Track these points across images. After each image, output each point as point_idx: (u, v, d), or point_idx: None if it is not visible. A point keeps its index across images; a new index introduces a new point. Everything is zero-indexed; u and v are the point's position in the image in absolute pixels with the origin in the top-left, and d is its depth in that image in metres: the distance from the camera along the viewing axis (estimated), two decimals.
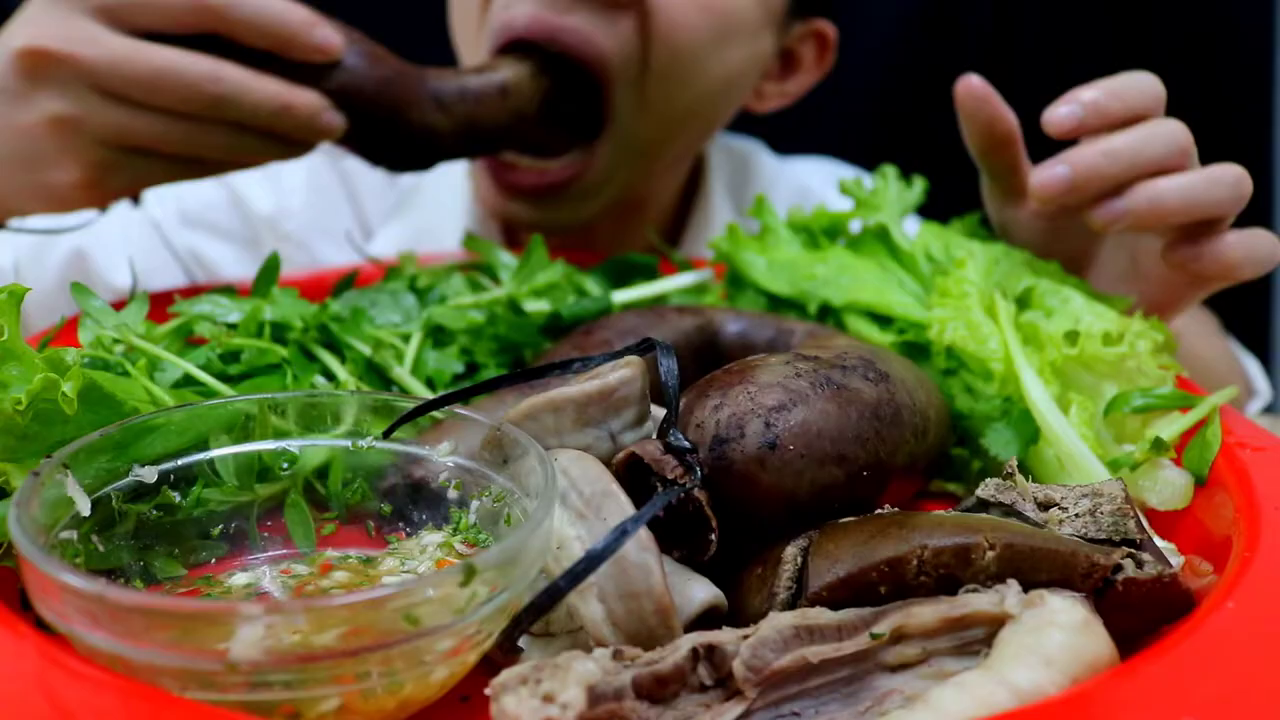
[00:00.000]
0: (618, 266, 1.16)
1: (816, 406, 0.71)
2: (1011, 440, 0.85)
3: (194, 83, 0.93)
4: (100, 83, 0.92)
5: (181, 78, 0.92)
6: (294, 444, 0.75)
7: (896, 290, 1.02)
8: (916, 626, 0.61)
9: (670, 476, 0.68)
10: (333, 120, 1.01)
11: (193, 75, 0.93)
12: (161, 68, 0.92)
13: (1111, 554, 0.62)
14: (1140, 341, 0.88)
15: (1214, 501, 0.78)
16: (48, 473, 0.63)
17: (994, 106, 1.01)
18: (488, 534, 0.72)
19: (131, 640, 0.54)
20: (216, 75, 0.93)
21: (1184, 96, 0.98)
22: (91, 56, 0.91)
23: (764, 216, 1.15)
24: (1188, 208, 0.91)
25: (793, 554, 0.67)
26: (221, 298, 0.93)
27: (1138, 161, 0.91)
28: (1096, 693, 0.55)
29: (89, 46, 0.91)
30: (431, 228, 1.52)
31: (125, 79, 0.92)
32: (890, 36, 2.24)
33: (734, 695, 0.59)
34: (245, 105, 0.95)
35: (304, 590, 0.69)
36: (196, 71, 0.93)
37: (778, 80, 1.43)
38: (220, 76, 0.93)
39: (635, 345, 0.76)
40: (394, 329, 0.99)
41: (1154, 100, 0.95)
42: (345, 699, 0.56)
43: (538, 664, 0.57)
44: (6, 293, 0.72)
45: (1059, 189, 0.92)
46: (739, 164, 1.65)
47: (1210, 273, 0.95)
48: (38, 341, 0.82)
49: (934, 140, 1.59)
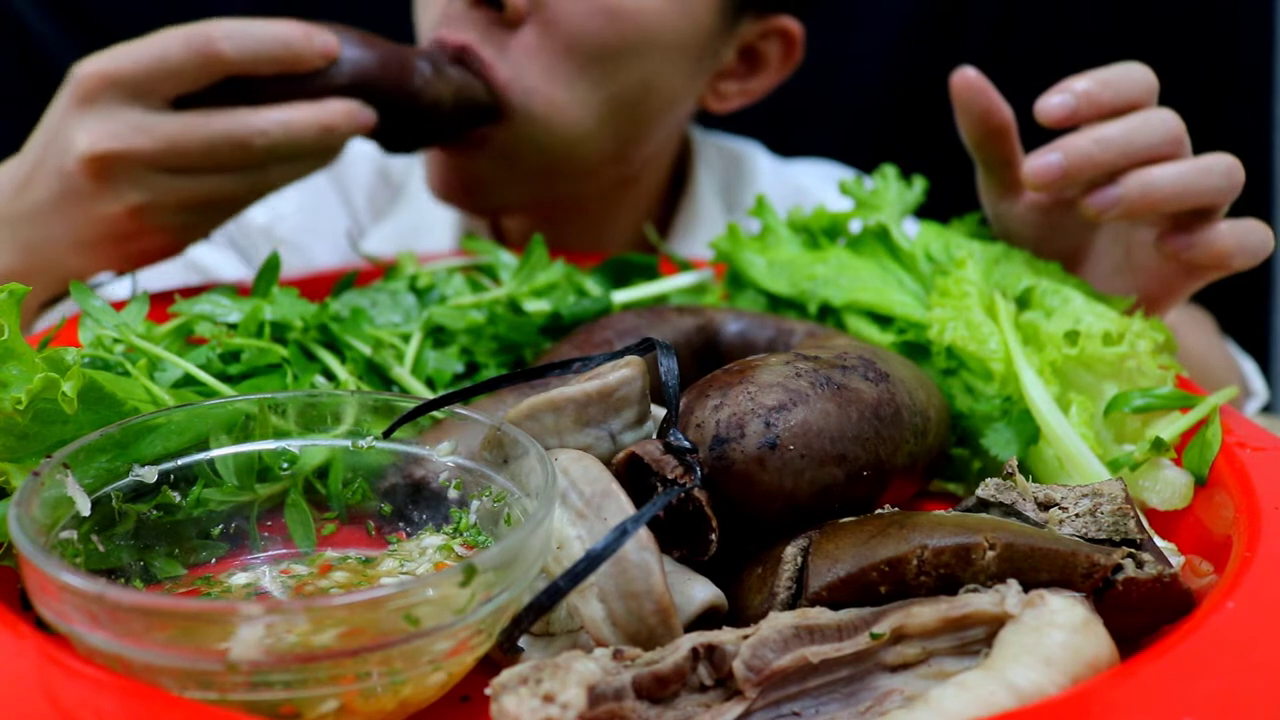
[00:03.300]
0: (618, 266, 1.16)
1: (817, 406, 0.71)
2: (1011, 440, 0.85)
3: (244, 140, 0.99)
4: (163, 164, 0.98)
5: (231, 138, 0.99)
6: (294, 444, 0.75)
7: (896, 290, 1.02)
8: (916, 626, 0.61)
9: (670, 476, 0.68)
10: (366, 116, 1.06)
11: (242, 134, 0.99)
12: (211, 136, 0.98)
13: (1112, 554, 0.62)
14: (1140, 341, 0.88)
15: (1214, 501, 0.78)
16: (48, 473, 0.63)
17: (989, 98, 1.01)
18: (487, 535, 0.72)
19: (131, 640, 0.54)
20: (261, 128, 0.99)
21: (1184, 96, 0.98)
22: (150, 146, 0.97)
23: (764, 216, 1.15)
24: (1180, 196, 0.92)
25: (793, 554, 0.67)
26: (221, 298, 0.93)
27: (1130, 150, 0.92)
28: (1096, 693, 0.55)
29: (142, 137, 0.97)
30: (422, 225, 1.52)
31: (184, 155, 0.98)
32: (890, 37, 2.24)
33: (734, 695, 0.59)
34: (294, 142, 1.01)
35: (304, 590, 0.69)
36: (245, 130, 0.99)
37: (740, 79, 1.41)
38: (264, 128, 0.99)
39: (635, 345, 0.76)
40: (394, 329, 0.99)
41: (1146, 90, 0.95)
42: (345, 699, 0.56)
43: (538, 664, 0.57)
44: (6, 292, 0.72)
45: (1052, 176, 0.93)
46: (732, 164, 1.65)
47: (1203, 262, 0.95)
48: (38, 341, 0.82)
49: (934, 140, 1.60)
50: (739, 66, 1.40)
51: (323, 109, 1.02)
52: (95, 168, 0.97)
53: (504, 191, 1.30)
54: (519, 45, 1.19)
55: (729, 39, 1.34)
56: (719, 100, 1.42)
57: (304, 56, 1.01)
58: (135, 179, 0.98)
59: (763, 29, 1.37)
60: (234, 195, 1.04)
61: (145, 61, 0.96)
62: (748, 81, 1.42)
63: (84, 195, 0.98)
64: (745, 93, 1.43)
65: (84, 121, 0.97)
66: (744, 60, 1.40)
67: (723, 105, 1.42)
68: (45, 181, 1.00)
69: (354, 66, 1.05)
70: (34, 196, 1.01)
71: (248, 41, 0.98)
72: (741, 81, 1.42)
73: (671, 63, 1.28)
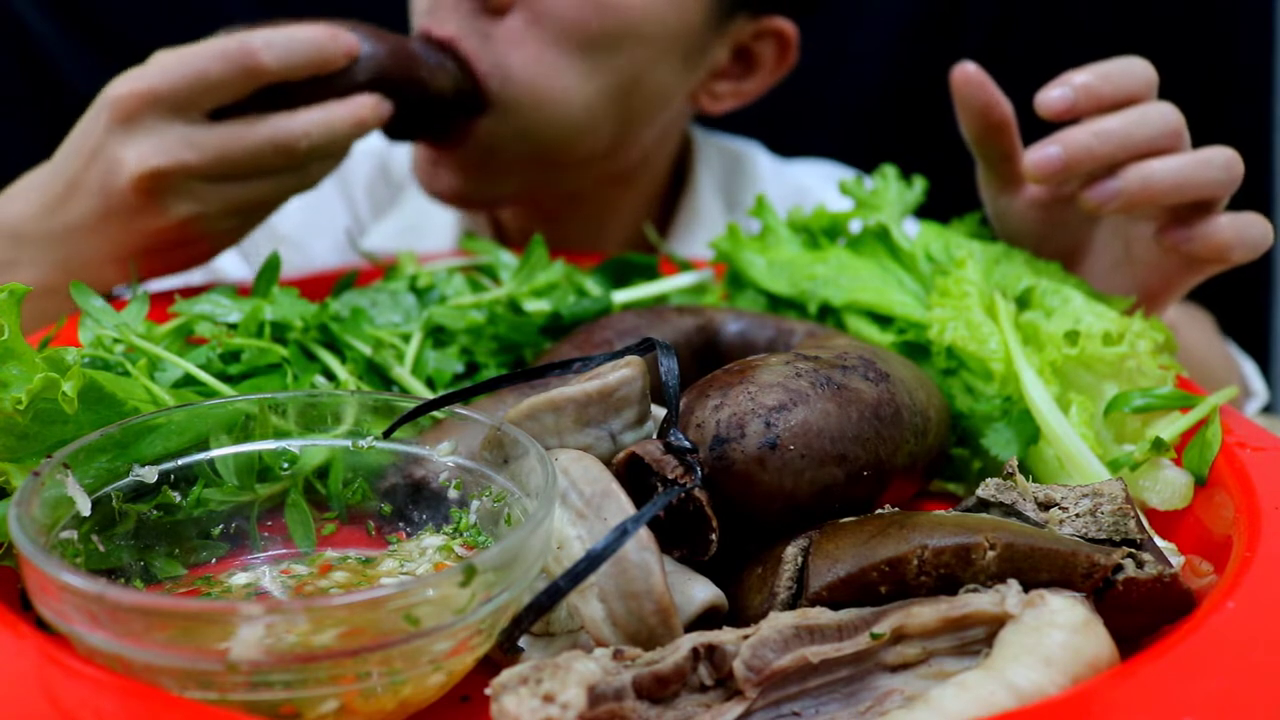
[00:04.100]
0: (618, 266, 1.16)
1: (817, 406, 0.71)
2: (1011, 440, 0.85)
3: (289, 144, 1.01)
4: (211, 175, 1.01)
5: (274, 144, 1.01)
6: (294, 444, 0.75)
7: (896, 290, 1.02)
8: (917, 626, 0.61)
9: (671, 476, 0.68)
10: (386, 108, 1.08)
11: (285, 138, 1.01)
12: (258, 143, 1.00)
13: (1112, 554, 0.62)
14: (1140, 341, 0.88)
15: (1214, 501, 0.78)
16: (48, 473, 0.63)
17: (989, 92, 1.01)
18: (487, 535, 0.72)
19: (131, 640, 0.54)
20: (304, 130, 1.02)
21: (1183, 96, 0.99)
22: (196, 160, 0.99)
23: (764, 216, 1.15)
24: (1179, 188, 0.92)
25: (793, 554, 0.67)
26: (221, 298, 0.93)
27: (1129, 142, 0.92)
28: (1096, 693, 0.55)
29: (189, 151, 0.98)
30: (423, 223, 1.53)
31: (230, 165, 1.00)
32: (889, 37, 2.24)
33: (734, 695, 0.59)
34: (333, 140, 1.04)
35: (304, 590, 0.69)
36: (288, 134, 1.01)
37: (734, 79, 1.41)
38: (306, 129, 1.02)
39: (635, 345, 0.76)
40: (394, 329, 0.99)
41: (1145, 84, 0.95)
42: (345, 699, 0.56)
43: (538, 664, 0.57)
44: (6, 292, 0.72)
45: (1051, 168, 0.93)
46: (732, 164, 1.65)
47: (1202, 254, 0.95)
48: (38, 341, 0.82)
49: (933, 140, 1.60)
50: (733, 67, 1.40)
51: (355, 105, 1.05)
52: (146, 184, 0.98)
53: (492, 184, 1.30)
54: (504, 35, 1.20)
55: (721, 38, 1.34)
56: (713, 100, 1.41)
57: (332, 57, 1.03)
58: (185, 192, 1.00)
59: (756, 29, 1.37)
60: (276, 196, 1.07)
61: (185, 76, 0.98)
62: (742, 82, 1.42)
63: (132, 212, 1.00)
64: (739, 93, 1.43)
65: (130, 140, 0.98)
66: (738, 60, 1.40)
67: (716, 106, 1.42)
68: (85, 200, 1.01)
69: (372, 61, 1.08)
70: (72, 215, 1.02)
71: (285, 50, 1.00)
72: (735, 82, 1.41)
73: (660, 58, 1.28)
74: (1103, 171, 0.93)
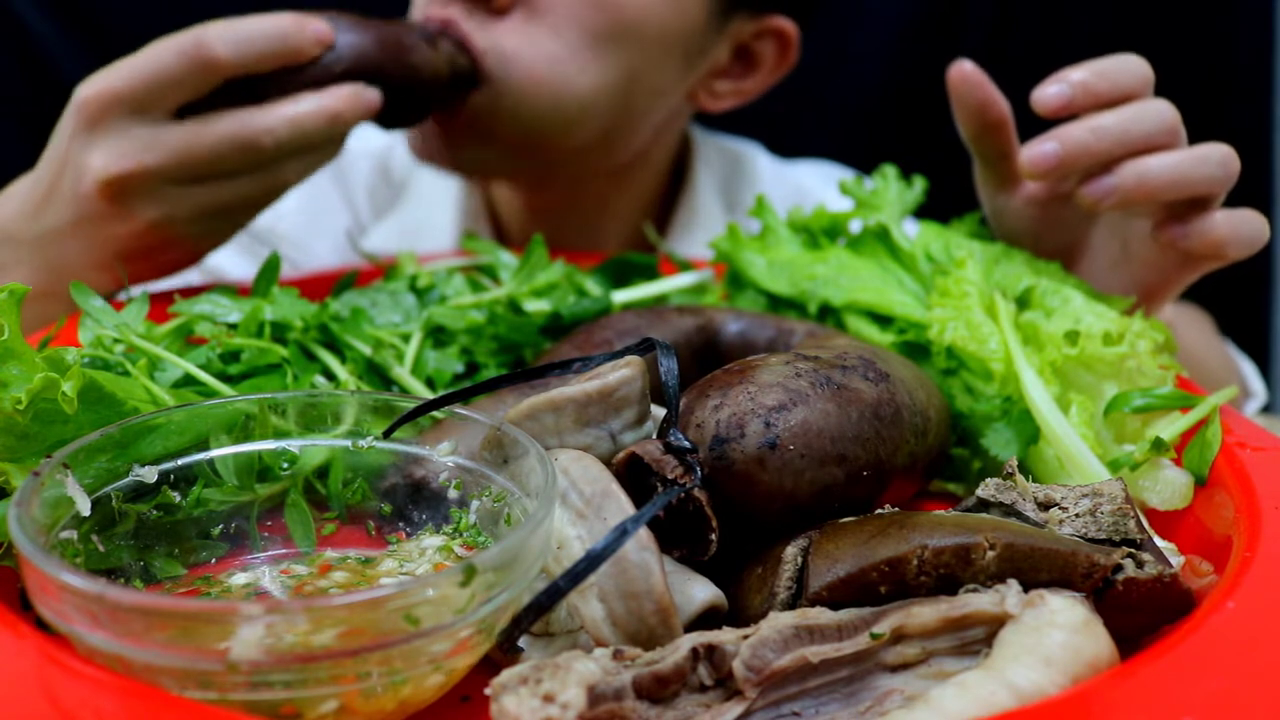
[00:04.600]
0: (618, 266, 1.16)
1: (817, 406, 0.71)
2: (1011, 440, 0.85)
3: (252, 140, 0.98)
4: (175, 177, 0.98)
5: (238, 141, 0.97)
6: (294, 444, 0.75)
7: (896, 290, 1.02)
8: (916, 626, 0.61)
9: (670, 476, 0.68)
10: (370, 97, 1.04)
11: (248, 135, 0.97)
12: (218, 141, 0.97)
13: (1112, 554, 0.62)
14: (1140, 341, 0.88)
15: (1214, 501, 0.78)
16: (48, 473, 0.63)
17: (986, 91, 1.01)
18: (487, 535, 0.72)
19: (131, 640, 0.54)
20: (267, 126, 0.98)
21: (1182, 96, 0.99)
22: (158, 161, 0.96)
23: (764, 216, 1.15)
24: (1176, 185, 0.92)
25: (793, 554, 0.67)
26: (221, 298, 0.93)
27: (1126, 139, 0.92)
28: (1096, 693, 0.55)
29: (151, 153, 0.96)
30: (423, 224, 1.53)
31: (193, 165, 0.97)
32: (888, 37, 2.24)
33: (734, 695, 0.59)
34: (302, 135, 0.99)
35: (304, 590, 0.69)
36: (250, 130, 0.97)
37: (734, 78, 1.41)
38: (270, 125, 0.98)
39: (635, 345, 0.76)
40: (394, 329, 0.99)
41: (1142, 81, 0.96)
42: (345, 699, 0.56)
43: (538, 664, 0.57)
44: (6, 292, 0.72)
45: (1048, 165, 0.93)
46: (732, 164, 1.65)
47: (1199, 251, 0.95)
48: (38, 341, 0.82)
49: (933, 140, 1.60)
50: (733, 65, 1.40)
51: (327, 97, 1.00)
52: (110, 190, 0.97)
53: (482, 154, 1.29)
54: (504, 28, 1.20)
55: (721, 36, 1.34)
56: (712, 99, 1.41)
57: (300, 47, 1.00)
58: (150, 195, 0.98)
59: (757, 28, 1.37)
60: (250, 198, 1.03)
61: (142, 76, 0.96)
62: (742, 81, 1.42)
63: (102, 217, 0.98)
64: (739, 92, 1.43)
65: (93, 144, 0.97)
66: (738, 59, 1.40)
67: (716, 104, 1.42)
68: (61, 206, 1.00)
69: (352, 50, 1.03)
70: (51, 220, 1.01)
71: (241, 41, 0.96)
72: (735, 81, 1.41)
73: (660, 55, 1.28)
74: (1099, 168, 0.94)
